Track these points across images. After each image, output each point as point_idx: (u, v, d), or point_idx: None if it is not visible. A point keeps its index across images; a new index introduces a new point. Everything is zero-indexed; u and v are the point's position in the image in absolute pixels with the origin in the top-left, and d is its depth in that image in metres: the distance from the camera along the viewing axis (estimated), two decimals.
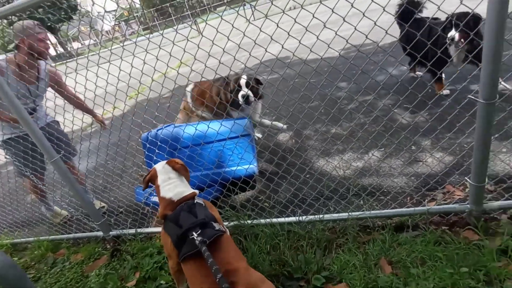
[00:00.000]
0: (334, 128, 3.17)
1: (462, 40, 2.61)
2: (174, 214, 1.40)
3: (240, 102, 2.78)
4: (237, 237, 2.03)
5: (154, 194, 2.34)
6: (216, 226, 1.33)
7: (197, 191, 1.54)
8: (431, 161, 2.28)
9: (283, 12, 1.63)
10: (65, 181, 2.22)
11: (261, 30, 1.58)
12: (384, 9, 1.50)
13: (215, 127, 2.24)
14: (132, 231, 2.41)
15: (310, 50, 1.63)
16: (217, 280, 1.02)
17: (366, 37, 1.51)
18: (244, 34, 1.64)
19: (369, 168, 2.46)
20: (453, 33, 2.61)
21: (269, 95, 2.48)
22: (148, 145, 2.32)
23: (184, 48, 1.75)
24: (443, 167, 2.18)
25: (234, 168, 2.42)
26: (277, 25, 1.50)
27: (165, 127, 2.44)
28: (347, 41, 1.53)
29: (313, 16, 1.44)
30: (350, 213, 1.89)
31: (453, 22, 2.59)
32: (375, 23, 1.45)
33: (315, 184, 2.21)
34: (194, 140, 2.29)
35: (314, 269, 1.67)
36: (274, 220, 2.05)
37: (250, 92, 2.76)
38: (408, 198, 2.06)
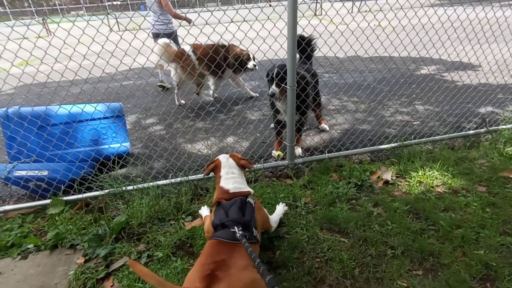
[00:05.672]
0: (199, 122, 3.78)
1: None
2: (227, 204, 1.53)
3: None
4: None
5: (17, 169, 2.31)
6: (255, 232, 1.46)
7: (252, 191, 1.67)
8: (269, 142, 3.15)
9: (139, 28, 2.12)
10: None
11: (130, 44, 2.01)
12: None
13: (89, 109, 2.45)
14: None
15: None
16: (260, 272, 1.08)
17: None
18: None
19: (226, 148, 3.14)
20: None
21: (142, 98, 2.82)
22: (10, 124, 2.26)
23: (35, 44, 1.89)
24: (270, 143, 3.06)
25: (107, 146, 2.64)
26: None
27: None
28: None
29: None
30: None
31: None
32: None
33: (185, 160, 2.70)
34: (70, 117, 2.42)
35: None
36: (158, 183, 2.40)
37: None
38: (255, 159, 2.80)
